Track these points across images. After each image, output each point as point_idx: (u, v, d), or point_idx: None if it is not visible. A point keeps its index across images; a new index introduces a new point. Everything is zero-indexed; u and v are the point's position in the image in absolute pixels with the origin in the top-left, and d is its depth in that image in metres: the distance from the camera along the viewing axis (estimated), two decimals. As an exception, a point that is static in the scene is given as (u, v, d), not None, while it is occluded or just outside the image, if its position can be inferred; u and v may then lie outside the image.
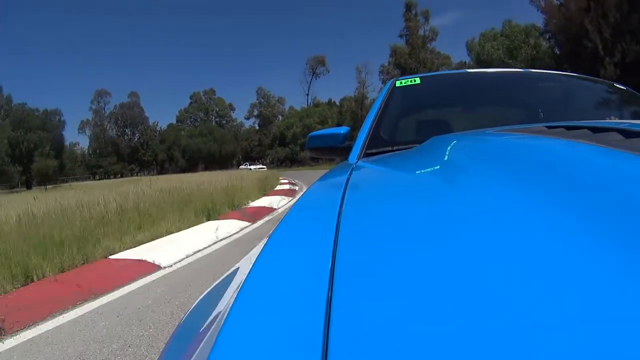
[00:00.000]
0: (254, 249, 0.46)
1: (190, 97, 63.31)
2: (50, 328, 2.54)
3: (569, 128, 0.58)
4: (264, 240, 0.39)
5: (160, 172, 49.21)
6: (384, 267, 0.28)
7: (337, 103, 52.41)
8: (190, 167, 49.97)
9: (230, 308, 0.28)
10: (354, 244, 0.33)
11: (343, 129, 1.54)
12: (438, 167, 0.61)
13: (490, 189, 0.41)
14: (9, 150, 40.49)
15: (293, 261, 0.33)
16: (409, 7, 34.72)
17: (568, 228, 0.28)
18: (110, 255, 4.15)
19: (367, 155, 1.26)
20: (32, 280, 3.37)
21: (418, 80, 1.64)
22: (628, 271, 0.22)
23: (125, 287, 3.27)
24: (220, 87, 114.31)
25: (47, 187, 32.31)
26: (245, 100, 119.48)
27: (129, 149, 57.98)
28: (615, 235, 0.26)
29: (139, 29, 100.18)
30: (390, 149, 1.28)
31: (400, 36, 37.55)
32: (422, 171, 0.63)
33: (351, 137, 1.52)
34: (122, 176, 50.86)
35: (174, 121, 63.34)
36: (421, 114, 1.89)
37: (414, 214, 0.39)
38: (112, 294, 3.12)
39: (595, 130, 0.52)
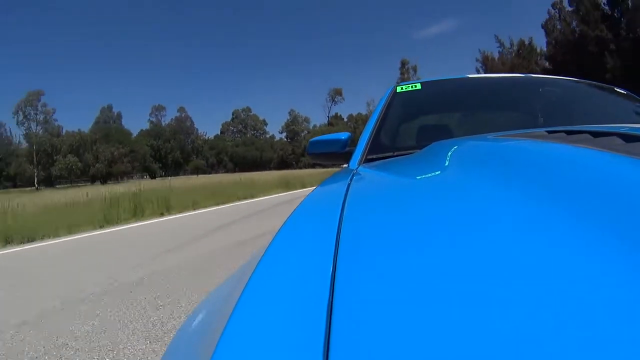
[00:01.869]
0: (255, 252, 0.47)
1: (233, 113, 79.25)
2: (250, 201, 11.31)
3: (569, 133, 0.58)
4: (265, 243, 0.40)
5: (210, 174, 60.80)
6: (385, 270, 0.28)
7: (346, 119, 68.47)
8: (236, 170, 62.33)
9: (233, 309, 0.28)
10: (355, 247, 0.33)
11: (344, 135, 1.53)
12: (439, 172, 0.61)
13: (491, 194, 0.41)
14: (152, 152, 59.72)
15: (295, 264, 0.34)
16: (403, 64, 49.24)
17: (570, 233, 0.28)
18: (255, 198, 12.61)
19: (368, 160, 1.26)
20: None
21: (419, 86, 1.63)
22: (629, 275, 0.22)
23: (264, 199, 12.13)
24: (255, 105, 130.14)
25: (179, 176, 49.60)
26: (274, 116, 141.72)
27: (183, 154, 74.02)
28: (616, 239, 0.26)
29: (188, 55, 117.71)
30: (391, 154, 1.28)
31: (397, 83, 53.05)
32: (423, 176, 0.63)
33: (352, 142, 1.52)
34: (179, 175, 63.02)
35: (218, 132, 79.48)
36: (422, 120, 1.89)
37: (415, 219, 0.39)
38: (262, 199, 12.31)
39: (595, 134, 0.52)
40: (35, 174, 44.23)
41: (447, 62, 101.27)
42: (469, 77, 1.78)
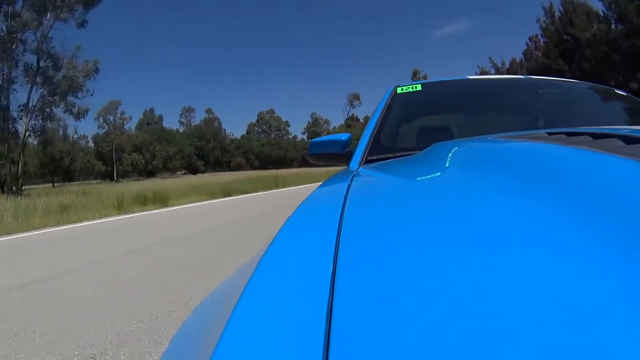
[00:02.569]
0: (256, 253, 0.46)
1: (258, 115, 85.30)
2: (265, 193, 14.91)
3: (569, 134, 0.58)
4: (266, 244, 0.40)
5: (238, 171, 64.72)
6: (384, 271, 0.28)
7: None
8: (262, 167, 66.82)
9: (233, 309, 0.28)
10: (355, 248, 0.33)
11: (344, 136, 1.53)
12: (439, 173, 0.61)
13: (492, 195, 0.41)
14: (196, 151, 66.39)
15: (295, 264, 0.34)
16: (414, 74, 54.22)
17: (569, 234, 0.28)
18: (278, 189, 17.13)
19: (368, 161, 1.26)
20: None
21: (419, 87, 1.63)
22: (628, 275, 0.22)
23: (285, 190, 15.94)
24: (278, 107, 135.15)
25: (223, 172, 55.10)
26: (296, 118, 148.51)
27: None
28: (616, 240, 0.26)
29: (214, 59, 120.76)
30: (391, 155, 1.28)
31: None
32: (423, 177, 0.63)
33: (352, 143, 1.51)
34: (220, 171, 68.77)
35: (244, 132, 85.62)
36: (422, 121, 1.89)
37: (415, 220, 0.39)
38: (284, 190, 16.46)
39: (596, 136, 0.52)
40: (115, 169, 50.88)
41: (458, 65, 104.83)
42: (469, 79, 1.79)
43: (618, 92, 1.76)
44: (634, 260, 0.23)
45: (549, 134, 0.64)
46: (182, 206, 10.72)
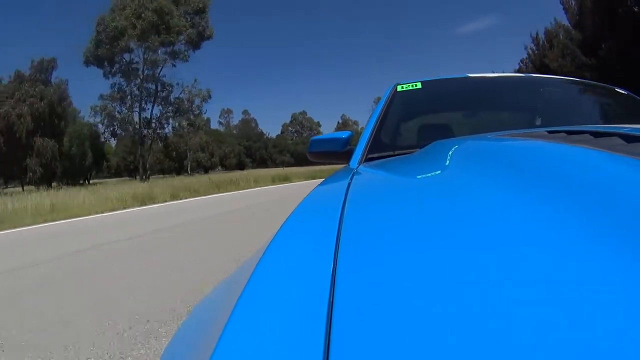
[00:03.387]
0: (256, 252, 0.46)
1: (291, 116, 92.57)
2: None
3: (570, 133, 0.58)
4: (266, 244, 0.39)
5: (284, 167, 71.35)
6: (385, 270, 0.28)
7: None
8: (297, 164, 76.96)
9: (233, 309, 0.28)
10: (356, 247, 0.33)
11: (345, 134, 1.51)
12: (439, 171, 0.60)
13: (492, 194, 0.40)
14: (244, 150, 73.17)
15: (295, 263, 0.33)
16: None
17: (570, 232, 0.28)
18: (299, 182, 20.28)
19: (368, 159, 1.25)
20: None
21: (419, 85, 1.61)
22: (628, 274, 0.22)
23: (302, 182, 18.84)
24: (310, 109, 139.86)
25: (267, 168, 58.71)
26: (326, 118, 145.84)
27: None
28: (616, 239, 0.25)
29: (249, 60, 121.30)
30: (391, 153, 1.27)
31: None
32: (424, 175, 0.63)
33: (353, 141, 1.49)
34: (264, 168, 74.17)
35: (278, 132, 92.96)
36: (422, 119, 1.88)
37: (416, 218, 0.39)
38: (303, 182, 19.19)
39: (596, 134, 0.51)
40: (188, 165, 54.84)
41: (486, 61, 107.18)
42: (469, 77, 1.74)
43: (618, 90, 1.72)
44: (635, 259, 0.23)
45: (549, 132, 0.64)
46: (255, 189, 16.27)
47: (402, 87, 1.61)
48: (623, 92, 1.70)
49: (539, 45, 15.12)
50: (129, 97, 28.48)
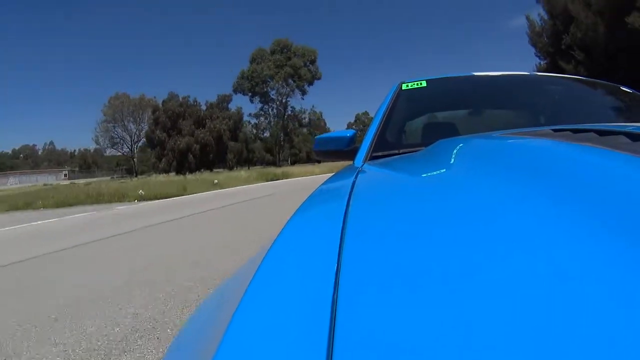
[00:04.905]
0: (259, 251, 0.46)
1: (355, 116, 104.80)
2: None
3: (575, 131, 0.57)
4: (270, 243, 0.39)
5: None
6: (390, 269, 0.28)
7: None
8: None
9: (236, 308, 0.27)
10: (360, 246, 0.33)
11: (349, 132, 1.51)
12: (444, 170, 0.59)
13: (497, 193, 0.40)
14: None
15: (299, 262, 0.33)
16: None
17: (577, 231, 0.28)
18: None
19: (373, 158, 1.24)
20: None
21: (424, 84, 1.60)
22: (633, 274, 0.22)
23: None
24: (370, 109, 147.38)
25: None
26: None
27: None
28: (622, 238, 0.25)
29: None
30: (396, 152, 1.26)
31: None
32: (429, 174, 0.62)
33: (357, 140, 1.49)
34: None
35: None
36: (427, 117, 1.86)
37: (421, 218, 0.38)
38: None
39: (601, 133, 0.51)
40: (279, 158, 60.51)
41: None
42: (474, 75, 1.73)
43: (623, 88, 1.70)
44: None
45: (555, 130, 0.63)
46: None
47: (407, 86, 1.61)
48: (628, 90, 1.68)
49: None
50: (269, 114, 45.45)
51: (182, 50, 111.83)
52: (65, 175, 52.33)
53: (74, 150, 77.51)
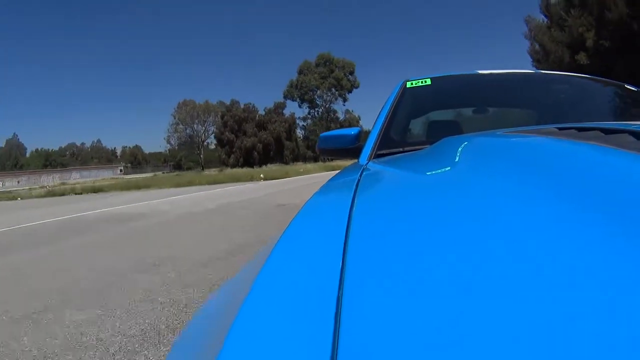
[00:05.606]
0: (263, 250, 0.43)
1: None
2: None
3: (580, 129, 0.55)
4: (274, 241, 0.37)
5: None
6: (395, 268, 0.26)
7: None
8: None
9: (240, 308, 0.26)
10: (365, 245, 0.31)
11: (354, 130, 1.43)
12: (449, 168, 0.57)
13: (503, 191, 0.38)
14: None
15: (303, 262, 0.32)
16: None
17: (583, 230, 0.26)
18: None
19: (377, 156, 1.18)
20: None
21: (429, 81, 1.53)
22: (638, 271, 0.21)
23: None
24: None
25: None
26: None
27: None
28: (628, 237, 0.24)
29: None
30: (401, 150, 1.20)
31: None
32: (434, 172, 0.59)
33: (362, 137, 1.41)
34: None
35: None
36: (432, 115, 1.76)
37: (426, 216, 0.36)
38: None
39: (606, 131, 0.49)
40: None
41: None
42: (479, 73, 1.65)
43: (628, 87, 1.61)
44: None
45: (559, 129, 0.61)
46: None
47: (412, 84, 1.54)
48: (633, 88, 1.58)
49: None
50: (315, 117, 53.07)
51: (230, 60, 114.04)
52: (120, 170, 54.45)
53: (114, 148, 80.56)
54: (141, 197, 13.76)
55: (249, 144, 46.72)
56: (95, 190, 20.21)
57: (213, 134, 50.53)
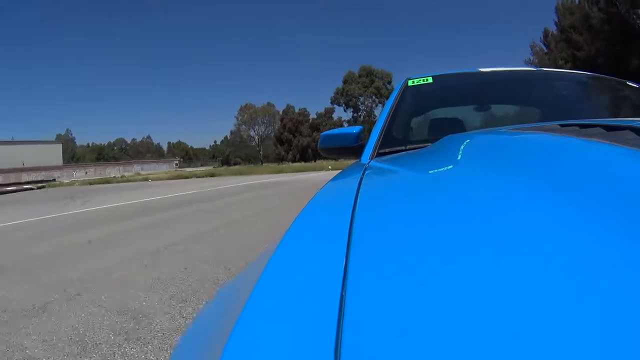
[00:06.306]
0: (266, 250, 0.40)
1: None
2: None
3: (582, 126, 0.53)
4: (277, 241, 0.35)
5: None
6: (398, 268, 0.25)
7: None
8: None
9: (243, 308, 0.25)
10: (368, 244, 0.30)
11: (355, 129, 1.35)
12: (451, 166, 0.55)
13: (506, 189, 0.37)
14: None
15: (306, 262, 0.31)
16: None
17: (587, 227, 0.26)
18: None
19: (379, 154, 1.11)
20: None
21: (430, 80, 1.45)
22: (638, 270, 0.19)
23: None
24: None
25: None
26: None
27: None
28: (631, 234, 0.23)
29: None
30: (403, 148, 1.12)
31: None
32: (436, 170, 0.57)
33: (364, 136, 1.32)
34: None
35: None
36: (434, 113, 1.66)
37: (430, 215, 0.35)
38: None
39: (608, 128, 0.47)
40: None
41: None
42: (481, 71, 1.57)
43: (630, 84, 1.51)
44: None
45: (562, 125, 0.59)
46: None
47: (413, 82, 1.45)
48: (635, 85, 1.47)
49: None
50: (359, 120, 54.97)
51: (275, 65, 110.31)
52: (176, 164, 53.93)
53: (158, 143, 77.27)
54: (264, 177, 16.36)
55: (304, 142, 50.27)
56: (212, 174, 22.33)
57: (272, 134, 53.12)
